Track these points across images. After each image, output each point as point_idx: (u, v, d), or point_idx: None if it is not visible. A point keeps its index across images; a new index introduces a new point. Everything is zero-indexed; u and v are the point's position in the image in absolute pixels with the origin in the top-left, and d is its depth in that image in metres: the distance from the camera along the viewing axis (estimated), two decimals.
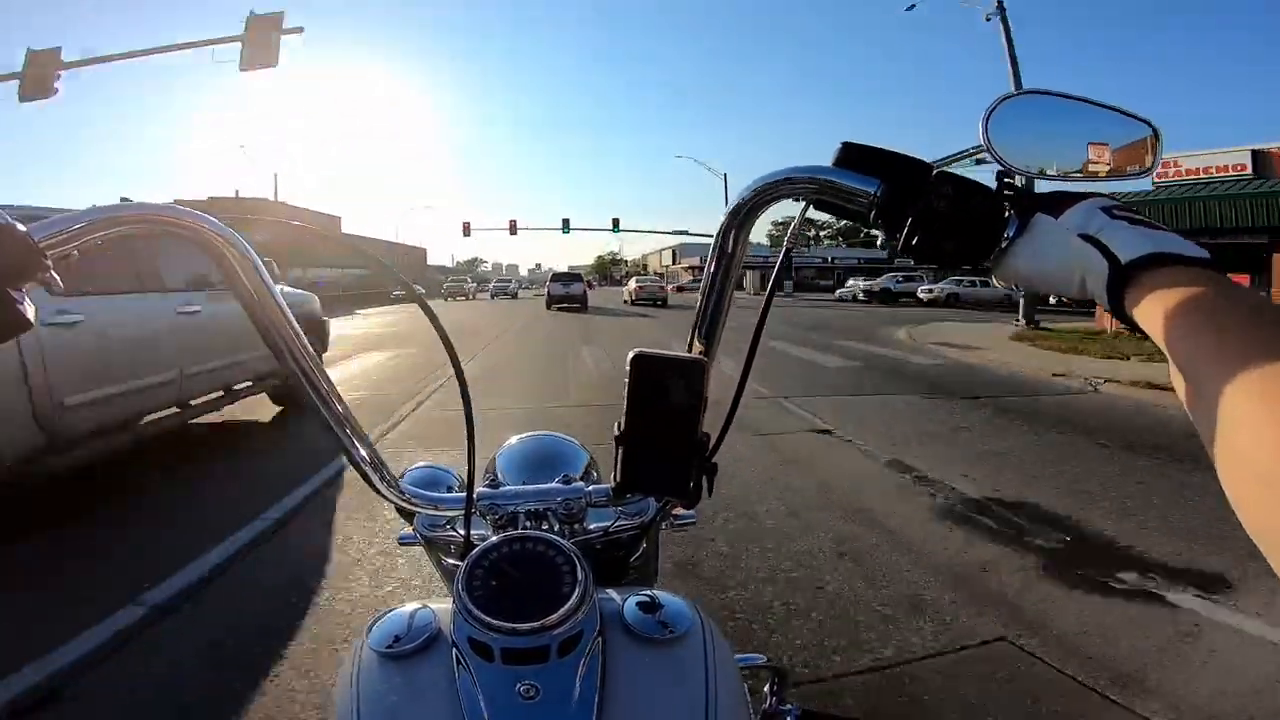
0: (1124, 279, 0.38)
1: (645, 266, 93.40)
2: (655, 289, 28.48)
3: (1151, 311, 0.36)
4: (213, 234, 0.49)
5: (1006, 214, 0.45)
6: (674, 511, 0.78)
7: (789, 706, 0.95)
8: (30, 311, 0.43)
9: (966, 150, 0.48)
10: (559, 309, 23.60)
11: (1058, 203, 0.44)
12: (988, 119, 0.47)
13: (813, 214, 0.55)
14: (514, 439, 0.83)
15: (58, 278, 0.44)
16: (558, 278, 25.77)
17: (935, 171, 0.46)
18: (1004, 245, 0.45)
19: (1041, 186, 0.49)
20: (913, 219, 0.45)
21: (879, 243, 0.50)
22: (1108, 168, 0.50)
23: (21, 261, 0.42)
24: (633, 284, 30.22)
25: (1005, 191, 0.46)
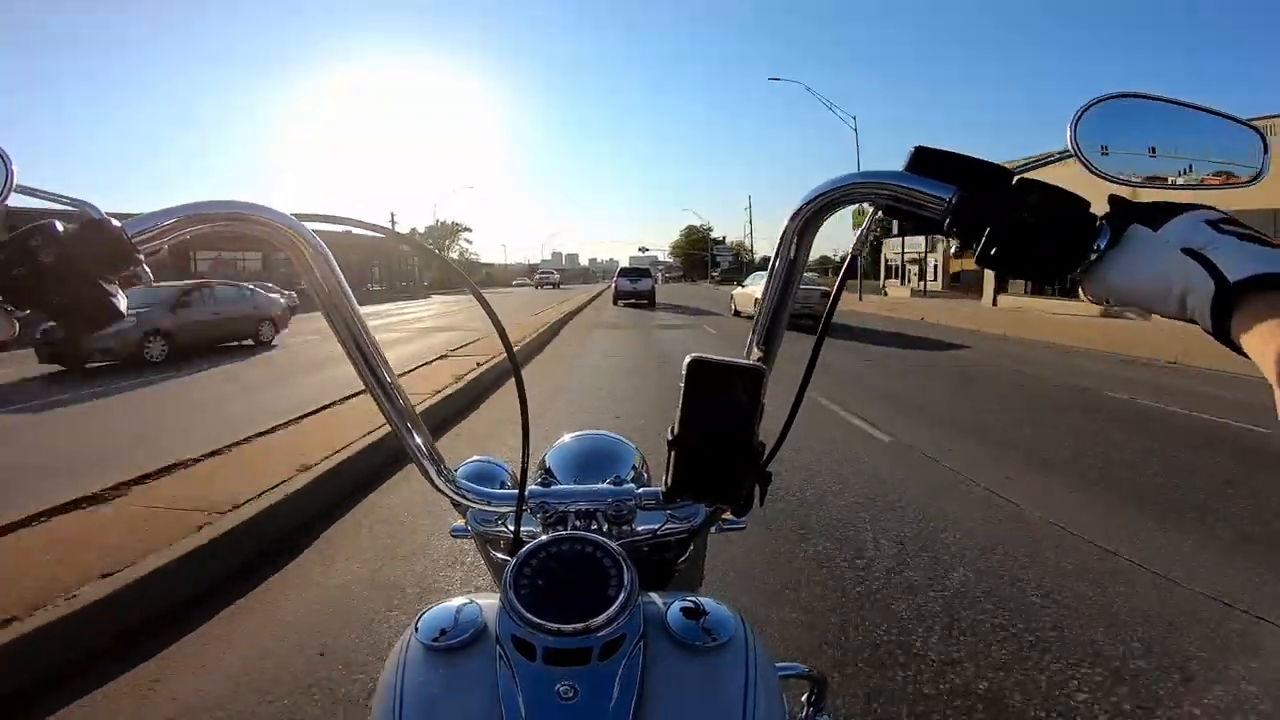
0: (1231, 300, 0.35)
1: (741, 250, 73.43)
2: None
3: (1261, 339, 0.33)
4: (291, 231, 0.52)
5: (1098, 223, 0.42)
6: (724, 516, 0.77)
7: (826, 718, 0.93)
8: (123, 303, 0.46)
9: (1051, 155, 0.46)
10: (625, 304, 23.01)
11: (1157, 213, 0.41)
12: (1076, 123, 0.45)
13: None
14: (567, 437, 0.84)
15: (149, 271, 0.47)
16: (625, 273, 25.17)
17: (1016, 178, 0.44)
18: (1094, 257, 0.42)
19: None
20: (991, 228, 0.43)
21: (952, 250, 0.48)
22: (1208, 177, 0.47)
23: (116, 255, 0.45)
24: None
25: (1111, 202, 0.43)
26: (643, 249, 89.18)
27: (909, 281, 38.01)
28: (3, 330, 0.44)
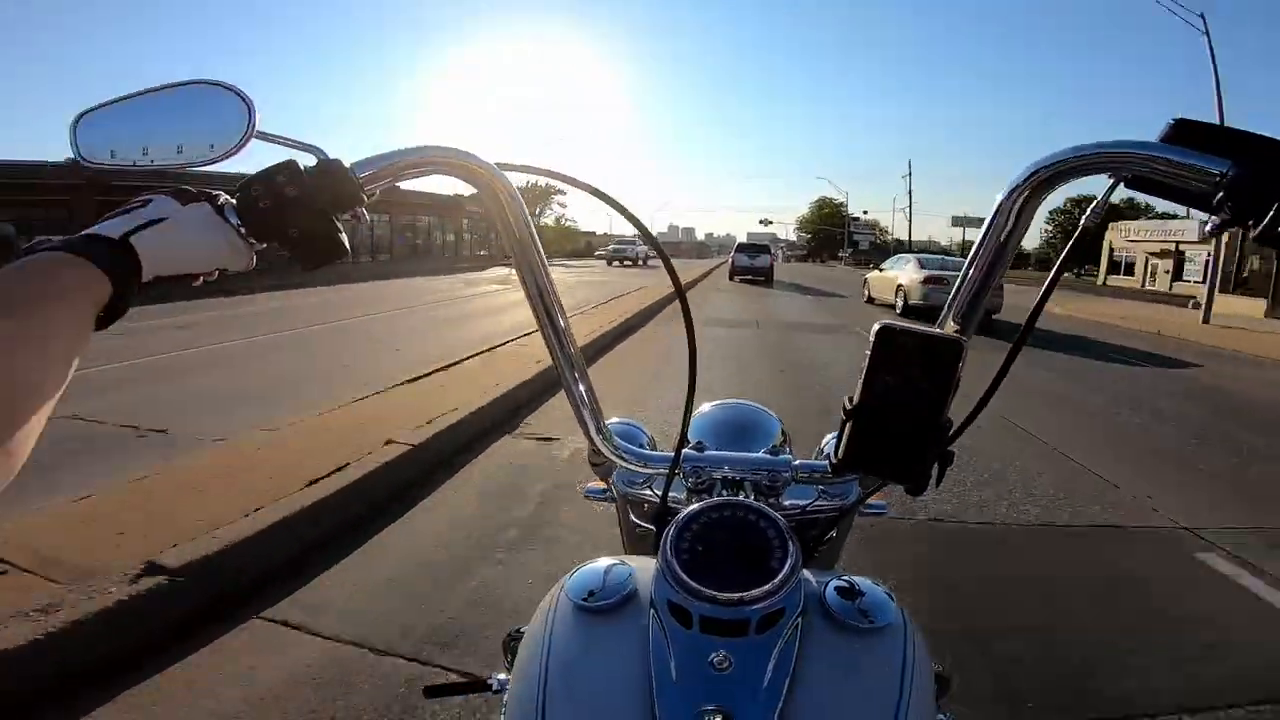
0: None
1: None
2: None
3: None
4: (493, 176, 0.54)
5: None
6: (869, 500, 0.74)
7: (944, 716, 0.90)
8: (346, 239, 0.50)
9: None
10: (741, 280, 22.35)
11: None
12: None
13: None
14: (709, 405, 0.83)
15: (367, 213, 0.51)
16: (743, 248, 24.96)
17: None
18: None
19: None
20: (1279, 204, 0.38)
21: (1207, 228, 0.43)
22: None
23: (348, 194, 0.48)
24: None
25: None
26: (764, 220, 79.89)
27: (1153, 279, 29.56)
28: (243, 260, 0.49)
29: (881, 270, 15.26)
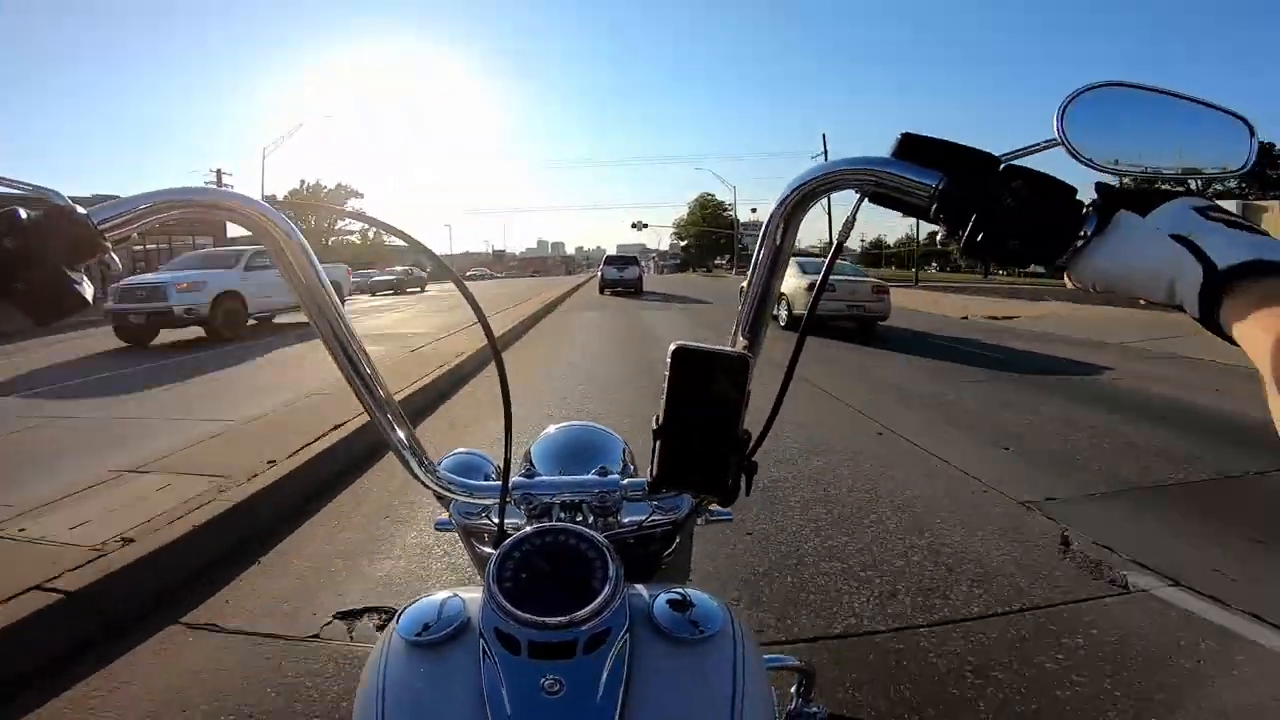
0: (1220, 287, 0.35)
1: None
2: None
3: (1250, 326, 0.33)
4: (263, 217, 0.51)
5: (1085, 210, 0.42)
6: (710, 507, 0.77)
7: (815, 709, 0.94)
8: (89, 291, 0.45)
9: (1038, 144, 0.45)
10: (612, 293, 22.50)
11: (1145, 200, 0.41)
12: (1063, 111, 0.44)
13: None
14: (551, 428, 0.83)
15: (117, 260, 0.46)
16: (612, 260, 25.23)
17: (1003, 165, 0.44)
18: (1080, 244, 0.42)
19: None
20: (978, 215, 0.43)
21: (939, 238, 0.47)
22: (1197, 165, 0.46)
23: (82, 242, 0.44)
24: None
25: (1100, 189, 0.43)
26: (638, 224, 64.38)
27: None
28: None
29: None
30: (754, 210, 65.24)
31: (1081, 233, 0.42)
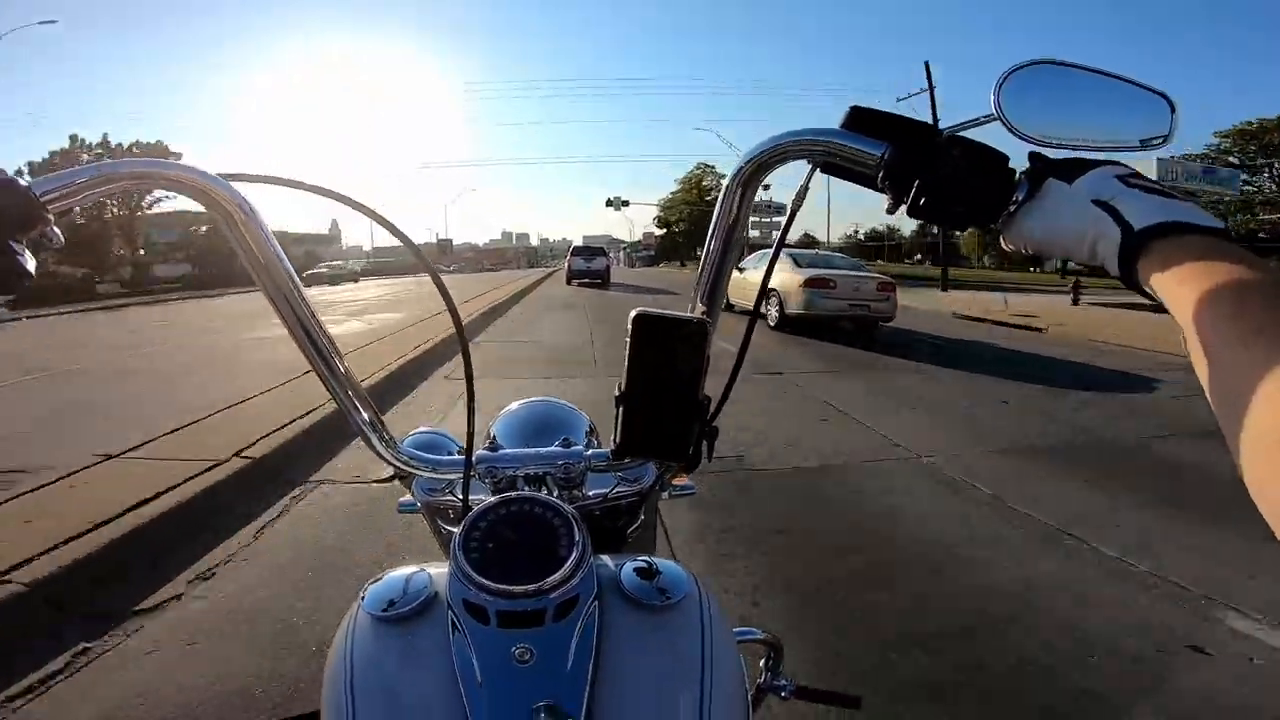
0: (1136, 247, 0.38)
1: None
2: None
3: (1165, 281, 0.36)
4: (217, 191, 0.49)
5: (1018, 177, 0.45)
6: (673, 481, 0.78)
7: (784, 682, 0.96)
8: (30, 264, 0.44)
9: (978, 118, 0.48)
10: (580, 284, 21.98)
11: (1070, 168, 0.44)
12: (999, 87, 0.47)
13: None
14: (514, 404, 0.84)
15: (59, 232, 0.45)
16: (579, 252, 24.77)
17: (944, 135, 0.46)
18: (1013, 209, 0.45)
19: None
20: (920, 181, 0.45)
21: (885, 206, 0.49)
22: (1122, 138, 0.50)
23: (23, 215, 0.42)
24: None
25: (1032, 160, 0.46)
26: (615, 201, 50.06)
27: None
28: None
29: (741, 271, 10.17)
30: (767, 187, 55.60)
31: (1014, 198, 0.45)
